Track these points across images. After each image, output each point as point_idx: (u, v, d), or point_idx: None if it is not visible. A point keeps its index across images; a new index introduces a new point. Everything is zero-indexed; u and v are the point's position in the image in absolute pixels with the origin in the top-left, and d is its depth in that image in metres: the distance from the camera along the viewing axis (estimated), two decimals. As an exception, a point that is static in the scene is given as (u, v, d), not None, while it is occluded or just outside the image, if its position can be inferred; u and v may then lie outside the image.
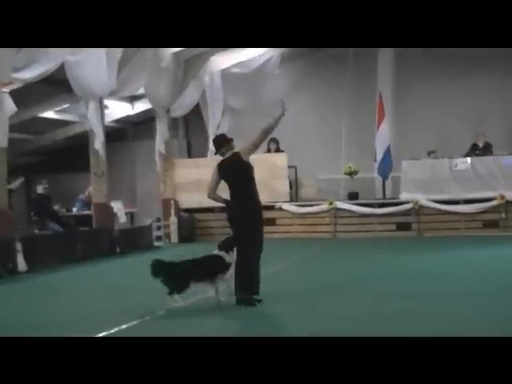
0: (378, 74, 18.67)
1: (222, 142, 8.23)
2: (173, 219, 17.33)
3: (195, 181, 17.49)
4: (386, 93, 18.10)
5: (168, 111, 17.38)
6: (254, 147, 8.25)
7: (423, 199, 15.84)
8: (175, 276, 7.58)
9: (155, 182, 18.52)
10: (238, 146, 8.25)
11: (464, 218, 15.65)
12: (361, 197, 17.08)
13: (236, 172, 8.03)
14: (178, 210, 17.56)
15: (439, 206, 15.79)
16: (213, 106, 18.36)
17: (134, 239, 15.50)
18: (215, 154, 8.54)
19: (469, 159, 16.07)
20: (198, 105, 18.50)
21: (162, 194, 17.92)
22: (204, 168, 17.54)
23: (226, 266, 7.79)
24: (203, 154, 19.26)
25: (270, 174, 17.01)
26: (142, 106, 19.47)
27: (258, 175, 16.78)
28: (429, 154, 16.89)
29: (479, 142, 16.77)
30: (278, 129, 18.98)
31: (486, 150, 16.58)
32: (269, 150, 17.92)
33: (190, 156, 21.12)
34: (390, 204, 16.35)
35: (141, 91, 16.73)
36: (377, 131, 16.99)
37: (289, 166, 17.58)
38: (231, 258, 7.82)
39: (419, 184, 16.12)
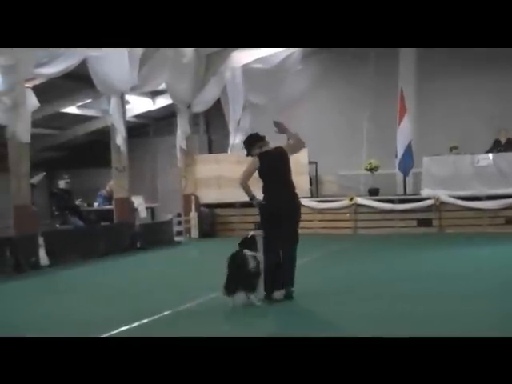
0: (399, 71, 18.54)
1: (254, 141, 8.17)
2: (193, 214, 17.38)
3: (216, 176, 17.58)
4: (408, 89, 17.99)
5: (189, 107, 17.44)
6: (293, 152, 8.23)
7: (444, 195, 15.75)
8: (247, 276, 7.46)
9: (176, 177, 18.60)
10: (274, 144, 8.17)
11: (486, 214, 15.55)
12: (381, 193, 17.01)
13: (279, 164, 7.95)
14: (199, 206, 17.61)
15: (460, 203, 15.69)
16: (234, 101, 18.38)
17: (155, 234, 15.56)
18: (247, 155, 8.35)
19: (491, 155, 15.95)
20: (219, 100, 18.53)
21: (183, 189, 17.99)
22: (225, 164, 17.67)
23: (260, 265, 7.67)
24: (224, 150, 19.33)
25: (290, 170, 16.99)
26: (163, 102, 19.51)
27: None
28: (450, 150, 16.80)
29: (501, 139, 16.64)
30: (298, 124, 19.00)
31: (509, 146, 16.45)
32: (289, 146, 17.88)
33: (210, 152, 21.18)
34: (411, 200, 16.28)
35: (162, 86, 16.80)
36: (398, 127, 16.91)
37: (309, 162, 17.55)
38: (260, 256, 7.72)
39: (440, 180, 16.02)
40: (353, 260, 12.00)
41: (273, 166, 7.91)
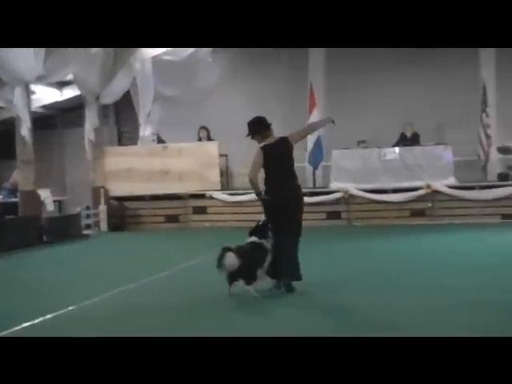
0: (309, 65, 18.74)
1: (261, 128, 7.94)
2: (102, 207, 17.09)
3: (126, 169, 17.35)
4: (318, 83, 18.24)
5: (98, 98, 17.12)
6: (301, 138, 8.22)
7: (353, 188, 16.05)
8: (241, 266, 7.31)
9: (85, 169, 18.23)
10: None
11: (392, 207, 15.92)
12: (292, 186, 17.13)
13: (284, 154, 7.79)
14: (108, 199, 17.32)
15: (368, 195, 16.02)
16: (143, 93, 18.17)
17: (63, 228, 15.19)
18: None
19: (397, 149, 16.38)
20: (129, 92, 18.30)
21: (92, 182, 17.66)
22: (135, 156, 17.47)
23: (267, 254, 7.62)
24: (134, 142, 19.10)
25: (200, 163, 17.01)
26: (70, 93, 19.11)
27: (189, 164, 16.85)
28: (358, 143, 17.14)
29: (407, 132, 17.09)
30: (209, 117, 18.77)
31: (414, 140, 16.92)
32: (200, 139, 17.84)
33: (120, 144, 20.90)
34: (320, 193, 16.48)
35: (69, 77, 16.44)
36: (308, 121, 17.08)
37: (220, 155, 17.54)
38: (268, 244, 7.65)
39: (349, 173, 16.31)
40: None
41: (277, 158, 7.76)
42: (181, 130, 18.27)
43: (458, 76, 18.15)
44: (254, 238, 7.67)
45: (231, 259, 7.23)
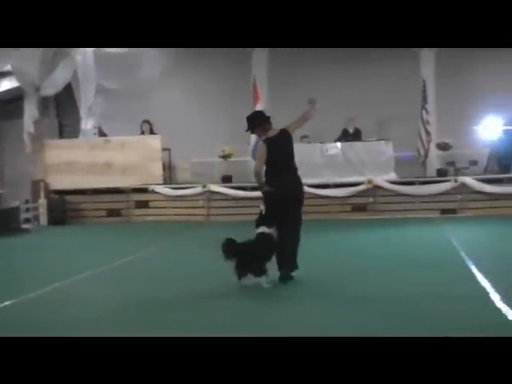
0: (252, 59, 18.71)
1: (260, 122, 8.04)
2: (42, 201, 16.81)
3: (67, 162, 17.10)
4: (261, 77, 18.25)
5: (38, 90, 16.80)
6: (298, 127, 8.30)
7: (295, 183, 16.09)
8: (249, 259, 7.42)
9: (25, 162, 17.89)
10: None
11: (334, 201, 16.08)
12: (235, 180, 17.18)
13: (286, 147, 7.89)
14: (48, 192, 17.05)
15: (311, 190, 16.08)
16: (85, 85, 17.90)
17: (1, 221, 14.90)
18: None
19: (339, 144, 16.52)
20: (70, 84, 18.00)
21: (32, 175, 17.35)
22: (76, 149, 17.21)
23: (274, 244, 7.67)
24: (75, 135, 18.81)
25: (143, 157, 16.87)
26: (8, 84, 18.69)
27: (131, 157, 16.70)
28: (301, 138, 17.21)
29: (349, 128, 17.25)
30: (151, 110, 18.49)
31: (356, 135, 17.09)
32: (142, 133, 17.69)
33: (61, 137, 20.53)
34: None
35: (7, 68, 16.10)
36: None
37: (163, 149, 17.42)
38: (275, 233, 7.67)
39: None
40: (197, 251, 11.38)
41: (280, 151, 7.85)
42: (123, 124, 18.07)
43: (399, 72, 18.32)
44: (263, 229, 7.68)
45: None
